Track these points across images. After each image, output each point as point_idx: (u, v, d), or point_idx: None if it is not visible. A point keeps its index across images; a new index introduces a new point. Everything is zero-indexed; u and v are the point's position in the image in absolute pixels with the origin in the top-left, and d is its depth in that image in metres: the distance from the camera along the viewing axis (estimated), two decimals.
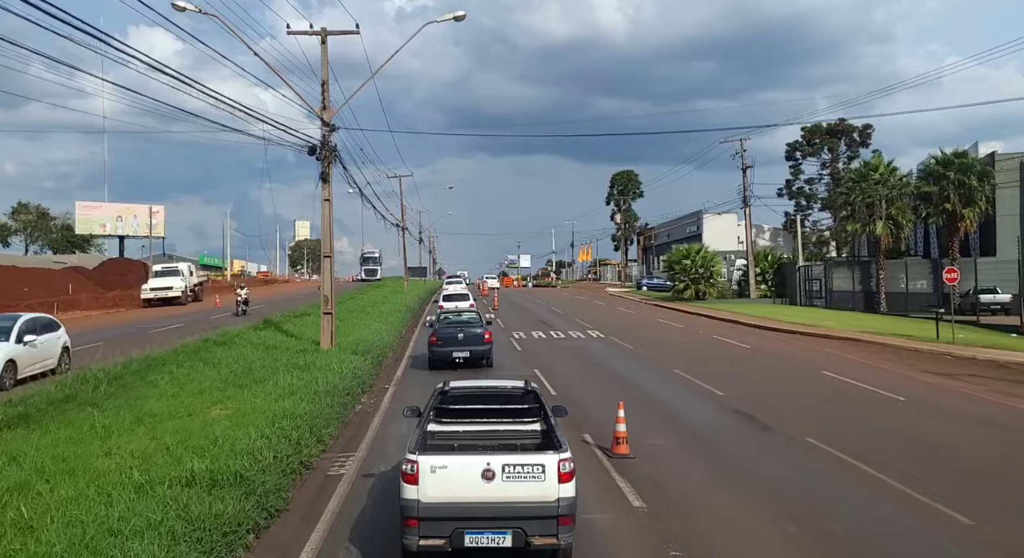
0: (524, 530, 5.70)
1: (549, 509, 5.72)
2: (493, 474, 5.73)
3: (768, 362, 18.84)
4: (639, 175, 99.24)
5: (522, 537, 5.71)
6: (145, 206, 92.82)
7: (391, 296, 42.91)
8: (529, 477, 5.75)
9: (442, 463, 5.83)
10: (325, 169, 18.17)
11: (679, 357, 19.47)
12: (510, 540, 5.73)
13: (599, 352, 21.09)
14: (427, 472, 5.75)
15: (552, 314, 35.64)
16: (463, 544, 5.74)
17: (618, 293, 59.77)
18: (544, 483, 5.74)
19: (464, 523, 5.73)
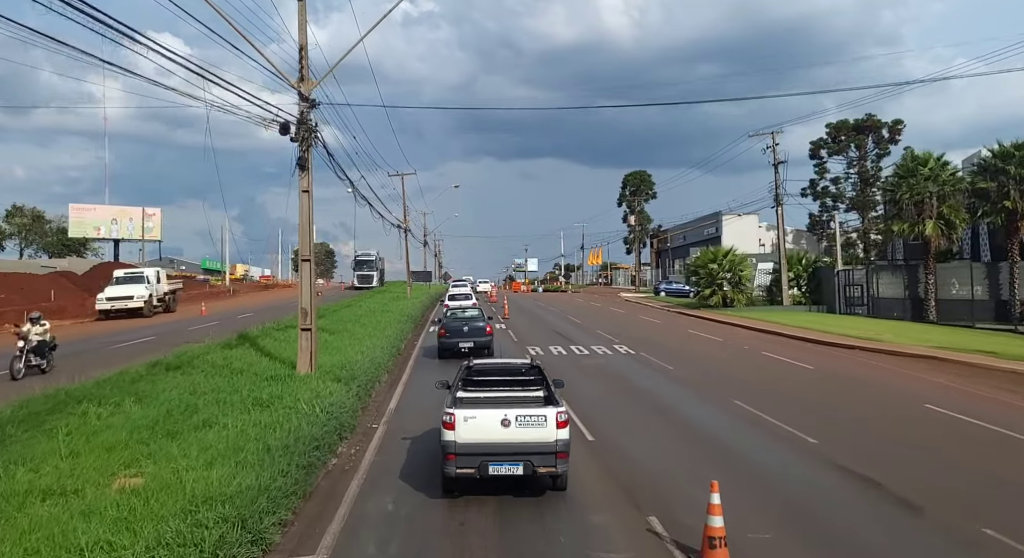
0: (532, 462, 8.00)
1: (549, 447, 8.01)
2: (509, 422, 8.04)
3: (847, 391, 15.38)
4: (652, 176, 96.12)
5: (530, 467, 8.00)
6: (139, 209, 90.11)
7: (392, 303, 39.58)
8: (535, 424, 8.05)
9: (472, 414, 8.12)
10: (303, 153, 14.85)
11: (733, 382, 16.05)
12: (521, 469, 8.01)
13: (633, 374, 17.68)
14: (461, 421, 8.04)
15: (569, 324, 32.25)
16: (488, 472, 7.99)
17: (635, 299, 56.30)
18: (546, 429, 8.04)
19: (488, 457, 7.99)
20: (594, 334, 27.21)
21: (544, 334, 27.29)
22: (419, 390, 15.57)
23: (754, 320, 31.70)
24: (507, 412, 8.10)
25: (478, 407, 8.36)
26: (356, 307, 34.96)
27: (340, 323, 26.46)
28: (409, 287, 48.46)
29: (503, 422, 8.02)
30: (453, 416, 8.06)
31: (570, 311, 41.31)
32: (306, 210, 15.22)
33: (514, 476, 8.04)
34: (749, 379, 16.42)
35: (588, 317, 36.19)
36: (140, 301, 35.66)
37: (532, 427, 8.03)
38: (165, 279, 40.37)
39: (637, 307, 46.23)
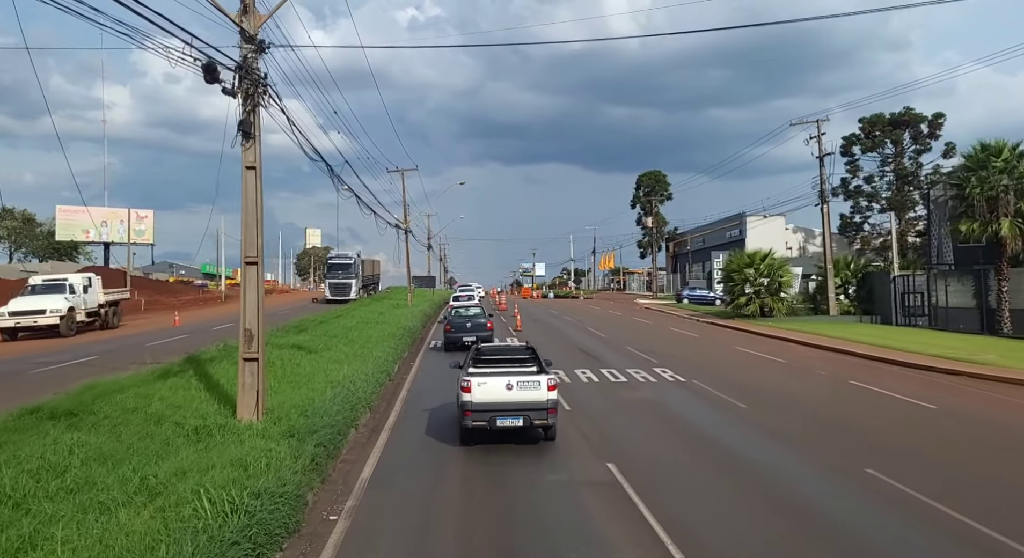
0: (529, 416, 10.56)
1: (543, 404, 10.58)
2: (512, 386, 10.63)
3: (1008, 447, 11.01)
4: (667, 176, 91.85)
5: (528, 419, 10.56)
6: (132, 210, 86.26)
7: (390, 312, 35.34)
8: (532, 387, 10.64)
9: (483, 381, 10.70)
10: (247, 113, 10.63)
11: (843, 433, 11.72)
12: (521, 422, 10.55)
13: (694, 416, 13.33)
14: (476, 386, 10.59)
15: (591, 337, 27.93)
16: (496, 425, 10.52)
17: (655, 306, 51.87)
18: (540, 390, 10.62)
19: (496, 413, 10.54)
20: (624, 352, 22.88)
21: (566, 352, 23.00)
22: (410, 443, 11.28)
23: (807, 333, 27.29)
24: (510, 379, 10.68)
25: (487, 376, 10.83)
26: (347, 317, 30.74)
27: (324, 339, 22.26)
28: (410, 294, 44.18)
29: (507, 386, 10.60)
30: (469, 382, 10.61)
31: (589, 321, 36.96)
32: (253, 194, 10.97)
33: (516, 427, 10.61)
34: (864, 428, 12.05)
35: (611, 329, 31.85)
36: (55, 316, 28.09)
37: (529, 390, 10.61)
38: (100, 288, 32.14)
39: (662, 316, 41.82)
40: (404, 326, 27.29)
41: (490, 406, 10.48)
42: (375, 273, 66.02)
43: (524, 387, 10.58)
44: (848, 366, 19.40)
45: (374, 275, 65.28)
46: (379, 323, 28.70)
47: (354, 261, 53.46)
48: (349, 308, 37.49)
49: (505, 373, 10.96)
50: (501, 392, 10.55)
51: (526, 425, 10.56)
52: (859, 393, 15.36)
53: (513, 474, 9.56)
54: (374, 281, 64.97)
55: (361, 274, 54.87)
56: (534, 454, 10.57)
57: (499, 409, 10.49)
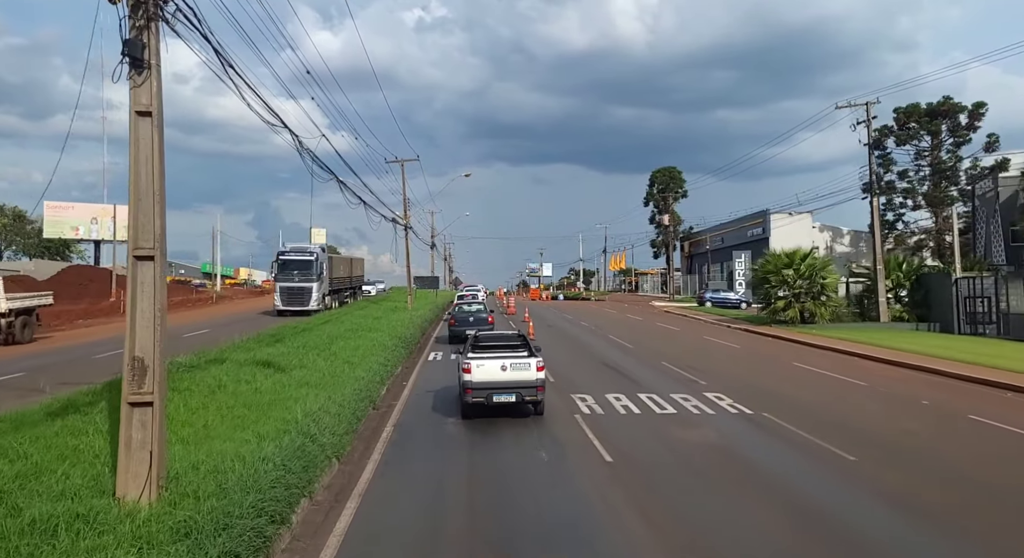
0: (521, 393, 12.47)
1: (532, 383, 12.50)
2: (506, 367, 12.53)
3: None
4: (682, 173, 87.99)
5: (520, 396, 12.48)
6: (123, 206, 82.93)
7: (386, 317, 31.67)
8: (523, 368, 12.55)
9: (481, 363, 12.57)
10: (138, 30, 6.94)
11: (1006, 504, 7.96)
12: (514, 398, 12.46)
13: (792, 477, 9.52)
14: (475, 367, 12.50)
15: (617, 349, 24.18)
16: (492, 401, 12.40)
17: (675, 309, 48.01)
18: (530, 371, 12.54)
19: (492, 390, 12.42)
20: (660, 368, 19.12)
21: (591, 368, 19.29)
22: (388, 523, 7.51)
23: (865, 345, 23.46)
24: (504, 361, 12.72)
25: (485, 359, 12.81)
26: (336, 324, 27.07)
27: (300, 352, 18.64)
28: (410, 296, 40.40)
29: (502, 367, 12.62)
30: (469, 364, 12.62)
31: (608, 327, 33.20)
32: (148, 152, 7.26)
33: (509, 403, 12.62)
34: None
35: (636, 337, 28.06)
36: None
37: (521, 370, 12.65)
38: (1, 294, 24.82)
39: (688, 322, 37.96)
40: (399, 335, 23.56)
41: (487, 385, 12.45)
42: (353, 274, 50.67)
43: (517, 368, 12.57)
44: (950, 391, 15.55)
45: (351, 277, 49.84)
46: (371, 330, 25.02)
47: (316, 257, 39.37)
48: (340, 313, 33.81)
49: (500, 356, 12.87)
50: (497, 373, 12.52)
51: (518, 401, 12.57)
52: (996, 436, 11.54)
53: None
54: (351, 285, 49.79)
55: (328, 276, 40.93)
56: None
57: (495, 387, 12.45)
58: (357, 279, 53.35)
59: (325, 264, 40.53)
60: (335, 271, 43.10)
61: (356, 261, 57.16)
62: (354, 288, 51.93)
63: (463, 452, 10.72)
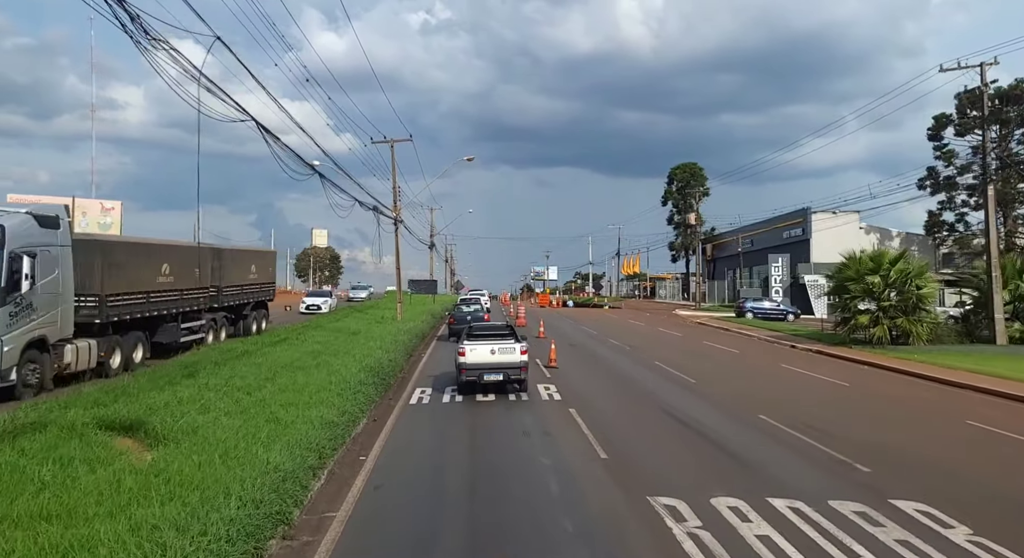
0: (507, 372, 15.15)
1: (517, 364, 15.19)
2: (495, 351, 15.23)
3: None
4: (704, 170, 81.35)
5: (506, 375, 15.16)
6: (96, 201, 76.40)
7: (368, 330, 24.99)
8: (509, 352, 15.24)
9: (474, 348, 15.30)
10: None
11: None
12: (501, 377, 15.13)
13: None
14: (469, 351, 15.23)
15: (678, 387, 17.33)
16: (483, 379, 15.08)
17: (715, 323, 41.15)
18: (515, 354, 15.21)
19: (483, 370, 15.10)
20: (770, 431, 12.29)
21: (662, 432, 12.52)
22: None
23: (1015, 383, 16.69)
24: (493, 346, 15.39)
25: (477, 344, 15.46)
26: (293, 345, 20.43)
27: (214, 395, 12.16)
28: (400, 304, 33.49)
29: (491, 351, 15.30)
30: (464, 348, 15.37)
31: (645, 347, 26.44)
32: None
33: (497, 381, 15.27)
34: None
35: (691, 365, 21.22)
36: None
37: (507, 353, 15.30)
38: None
39: (741, 340, 31.06)
40: (375, 363, 16.81)
41: (479, 365, 15.21)
42: (243, 281, 26.26)
43: (503, 352, 15.35)
44: None
45: (235, 287, 25.45)
46: (339, 354, 18.33)
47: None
48: (309, 326, 26.97)
49: (490, 342, 15.61)
50: (487, 355, 15.30)
51: (505, 379, 15.31)
52: None
53: None
54: (237, 299, 25.74)
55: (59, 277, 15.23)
56: None
57: (485, 367, 15.21)
58: (256, 289, 27.35)
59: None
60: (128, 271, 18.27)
61: (242, 256, 27.56)
62: (243, 305, 26.34)
63: None
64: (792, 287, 52.78)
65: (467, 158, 32.42)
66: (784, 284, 53.19)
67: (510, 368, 15.16)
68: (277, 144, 16.25)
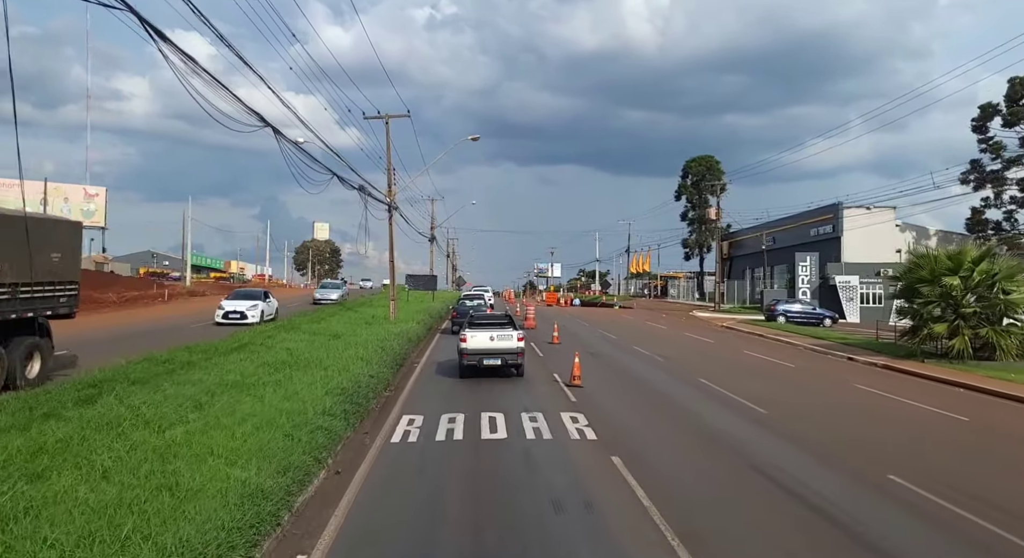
0: (505, 358, 16.56)
1: (514, 350, 16.64)
2: (494, 338, 16.63)
3: None
4: (720, 163, 77.34)
5: (504, 360, 16.57)
6: (79, 187, 72.57)
7: (352, 334, 21.06)
8: (507, 339, 16.66)
9: (475, 334, 16.69)
10: None
11: None
12: (500, 361, 16.54)
13: None
14: (470, 337, 16.63)
15: (746, 419, 13.39)
16: (483, 364, 16.51)
17: (744, 328, 37.12)
18: (512, 341, 16.67)
19: (483, 356, 16.54)
20: (931, 514, 8.33)
21: (763, 515, 8.51)
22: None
23: None
24: (492, 333, 16.73)
25: (477, 332, 16.82)
26: (261, 351, 16.46)
27: (107, 435, 8.09)
28: (393, 302, 29.47)
29: (491, 338, 16.65)
30: (465, 335, 16.73)
31: (684, 360, 22.45)
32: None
33: (496, 365, 16.61)
34: None
35: (754, 389, 17.12)
36: None
37: (505, 340, 16.66)
38: None
39: (785, 350, 26.97)
40: (346, 383, 12.83)
41: (479, 351, 16.57)
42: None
43: (502, 339, 16.67)
44: None
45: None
46: (307, 367, 14.38)
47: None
48: (283, 327, 22.96)
49: (489, 330, 16.94)
50: (486, 342, 16.63)
51: (503, 364, 16.62)
52: None
53: None
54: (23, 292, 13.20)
55: None
56: None
57: (485, 353, 16.57)
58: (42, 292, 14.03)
59: None
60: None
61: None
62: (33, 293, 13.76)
63: None
64: (821, 288, 48.74)
65: (471, 137, 28.29)
66: (812, 285, 49.18)
67: (508, 353, 16.65)
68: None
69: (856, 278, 46.74)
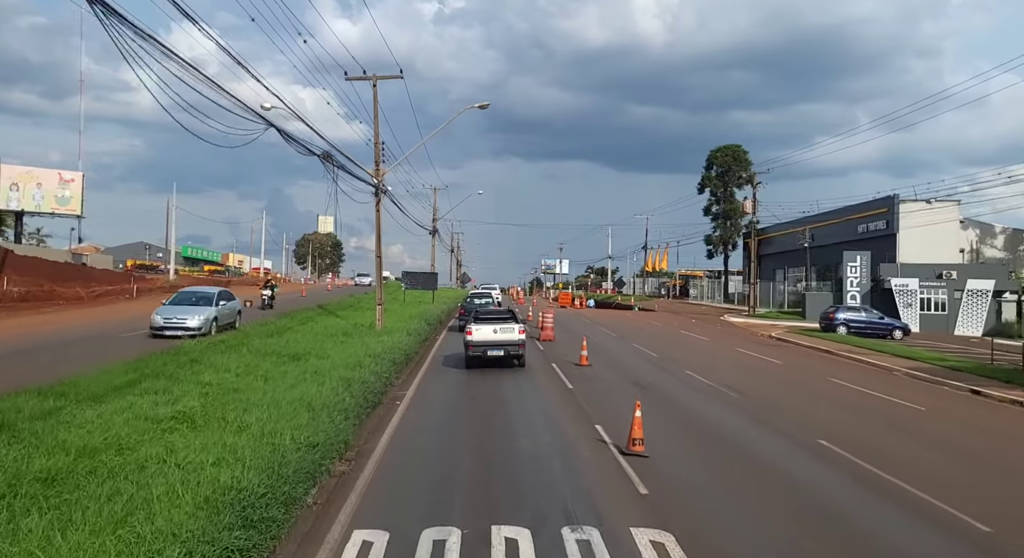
0: (508, 349, 18.09)
1: (516, 342, 18.20)
2: (497, 331, 18.22)
3: None
4: (748, 153, 71.52)
5: (507, 351, 18.11)
6: (53, 171, 67.19)
7: (324, 352, 15.43)
8: (509, 332, 18.25)
9: (479, 328, 18.31)
10: None
11: None
12: (502, 353, 18.07)
13: None
14: (475, 330, 18.24)
15: (958, 541, 7.84)
16: (487, 355, 18.04)
17: (804, 341, 31.30)
18: (514, 334, 18.22)
19: (487, 347, 18.04)
20: None
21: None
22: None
23: None
24: (496, 326, 18.26)
25: (482, 325, 18.37)
26: (181, 383, 10.84)
27: None
28: (380, 306, 23.72)
29: (494, 331, 18.10)
30: (470, 328, 18.29)
31: (765, 395, 16.76)
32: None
33: (499, 356, 18.04)
34: None
35: (915, 461, 11.56)
36: None
37: (508, 333, 18.10)
38: None
39: (880, 377, 21.17)
40: (247, 481, 7.28)
41: (483, 343, 17.99)
42: None
43: (504, 331, 18.16)
44: None
45: None
46: (207, 427, 8.84)
47: None
48: (227, 340, 17.23)
49: (493, 323, 18.54)
50: (490, 334, 18.07)
51: (505, 355, 18.06)
52: None
53: None
54: None
55: None
56: None
57: (489, 344, 17.97)
58: None
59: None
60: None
61: None
62: None
63: None
64: (872, 292, 42.95)
65: (479, 105, 22.80)
66: (863, 288, 43.37)
67: (510, 345, 18.16)
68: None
69: (915, 281, 40.97)
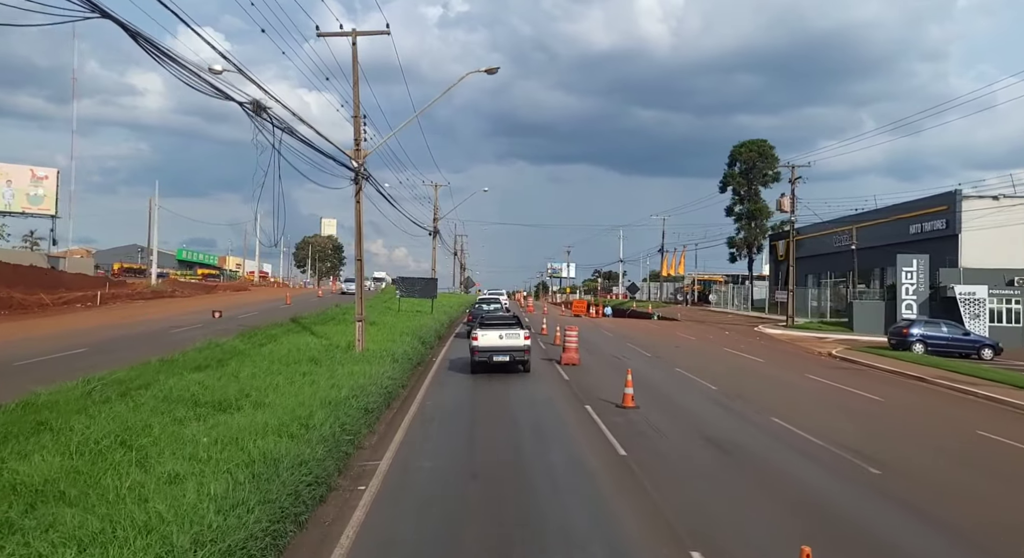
0: (513, 355, 18.24)
1: (521, 347, 18.33)
2: (502, 336, 18.24)
3: None
4: (775, 148, 66.46)
5: (512, 357, 18.25)
6: (26, 168, 62.47)
7: (266, 395, 10.42)
8: (514, 337, 18.29)
9: (485, 333, 18.23)
10: None
11: None
12: (508, 358, 18.21)
13: None
14: (480, 336, 18.17)
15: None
16: (492, 360, 18.11)
17: (881, 363, 26.11)
18: (520, 339, 18.32)
19: (492, 352, 18.10)
20: None
21: None
22: None
23: None
24: (501, 332, 18.28)
25: (488, 331, 18.26)
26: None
27: None
28: (361, 322, 18.68)
29: (499, 336, 18.15)
30: (476, 334, 18.15)
31: (911, 471, 11.66)
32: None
33: (504, 362, 18.19)
34: None
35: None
36: None
37: (513, 339, 18.18)
38: None
39: (1016, 420, 16.13)
40: None
41: (489, 348, 18.03)
42: None
43: (510, 337, 18.21)
44: None
45: None
46: None
47: None
48: (144, 373, 12.36)
49: (498, 329, 18.45)
50: (495, 340, 18.12)
51: (510, 360, 18.19)
52: None
53: None
54: None
55: None
56: None
57: (494, 350, 18.05)
58: None
59: None
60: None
61: None
62: None
63: None
64: (931, 300, 37.83)
65: (487, 69, 17.82)
66: (920, 296, 38.22)
67: (515, 351, 18.20)
68: None
69: (984, 288, 35.79)
